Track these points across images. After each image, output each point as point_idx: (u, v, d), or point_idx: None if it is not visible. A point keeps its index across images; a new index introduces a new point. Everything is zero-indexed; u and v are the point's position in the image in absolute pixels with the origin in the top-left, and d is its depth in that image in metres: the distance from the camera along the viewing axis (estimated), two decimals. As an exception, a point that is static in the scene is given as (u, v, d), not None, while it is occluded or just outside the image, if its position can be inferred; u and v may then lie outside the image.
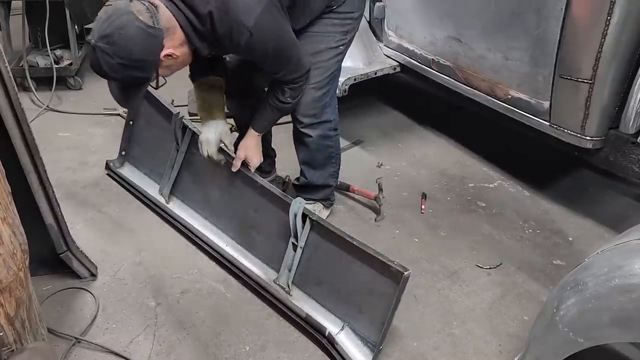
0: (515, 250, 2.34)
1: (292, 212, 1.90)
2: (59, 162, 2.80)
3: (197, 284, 2.10)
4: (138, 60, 1.63)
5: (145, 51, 1.63)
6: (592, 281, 1.23)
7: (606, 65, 1.98)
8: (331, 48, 2.05)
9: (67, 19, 3.41)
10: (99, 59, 1.60)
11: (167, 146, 2.40)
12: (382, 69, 3.01)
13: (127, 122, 2.60)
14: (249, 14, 1.70)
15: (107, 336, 1.87)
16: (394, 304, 1.69)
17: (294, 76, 1.93)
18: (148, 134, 2.55)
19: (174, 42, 1.71)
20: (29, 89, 3.37)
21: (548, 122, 2.29)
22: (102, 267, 2.13)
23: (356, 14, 2.07)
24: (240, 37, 1.73)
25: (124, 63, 1.61)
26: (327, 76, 2.08)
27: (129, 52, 1.60)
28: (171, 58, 1.73)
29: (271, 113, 2.05)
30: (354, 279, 1.83)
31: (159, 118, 2.46)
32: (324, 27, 2.03)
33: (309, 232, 1.92)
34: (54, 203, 1.86)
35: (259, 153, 2.13)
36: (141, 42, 1.61)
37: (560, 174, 2.88)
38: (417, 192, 2.68)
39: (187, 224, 2.31)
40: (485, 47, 2.44)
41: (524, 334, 1.92)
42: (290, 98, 1.98)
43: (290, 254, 1.96)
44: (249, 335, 1.90)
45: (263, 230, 2.11)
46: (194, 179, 2.36)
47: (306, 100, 2.05)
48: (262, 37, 1.76)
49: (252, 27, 1.71)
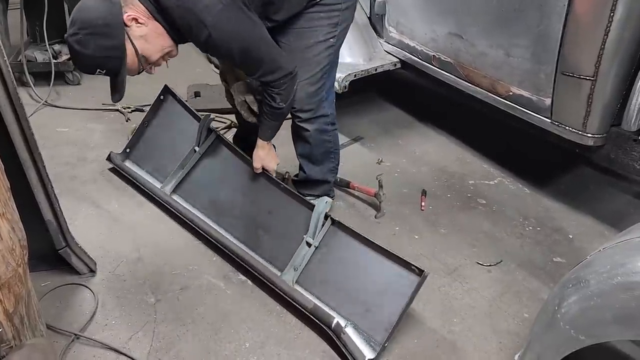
0: (515, 248, 2.34)
1: (317, 210, 1.97)
2: (58, 158, 2.78)
3: (197, 280, 2.09)
4: (101, 25, 1.67)
5: (105, 15, 1.68)
6: (594, 279, 1.23)
7: (608, 62, 1.97)
8: (320, 42, 2.02)
9: (65, 13, 3.39)
10: (72, 47, 1.69)
11: (179, 147, 2.44)
12: (382, 65, 3.00)
13: (142, 123, 2.61)
14: (208, 13, 1.68)
15: (106, 332, 1.86)
16: (409, 301, 1.75)
17: (275, 77, 1.89)
18: (160, 135, 2.57)
19: (136, 10, 1.73)
20: (27, 84, 3.36)
21: (549, 120, 2.28)
22: (101, 263, 2.13)
23: (343, 5, 2.02)
24: (200, 34, 1.72)
25: (90, 32, 1.67)
26: (320, 70, 2.06)
27: (90, 19, 1.67)
28: (139, 25, 1.74)
29: (270, 120, 2.06)
30: (366, 278, 1.88)
31: (179, 120, 2.50)
32: (310, 21, 2.00)
33: (326, 232, 1.98)
34: (53, 199, 1.85)
35: (273, 158, 2.18)
36: (98, 8, 1.68)
37: (561, 172, 2.88)
38: (417, 189, 2.68)
39: (188, 216, 2.31)
40: (486, 43, 2.43)
41: (524, 332, 1.92)
42: (282, 102, 1.96)
43: (301, 253, 2.00)
44: (249, 332, 1.90)
45: (272, 230, 2.15)
46: (202, 181, 2.39)
47: (300, 95, 2.04)
48: (222, 36, 1.74)
49: (210, 26, 1.69)
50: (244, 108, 2.18)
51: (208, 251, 2.23)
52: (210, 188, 2.35)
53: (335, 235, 1.99)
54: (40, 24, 3.35)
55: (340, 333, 1.81)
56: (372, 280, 1.87)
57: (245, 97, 2.15)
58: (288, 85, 1.93)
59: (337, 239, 1.98)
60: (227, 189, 2.31)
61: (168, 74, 1.96)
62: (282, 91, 1.93)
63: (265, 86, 1.95)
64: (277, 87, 1.92)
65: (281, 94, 1.94)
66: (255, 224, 2.19)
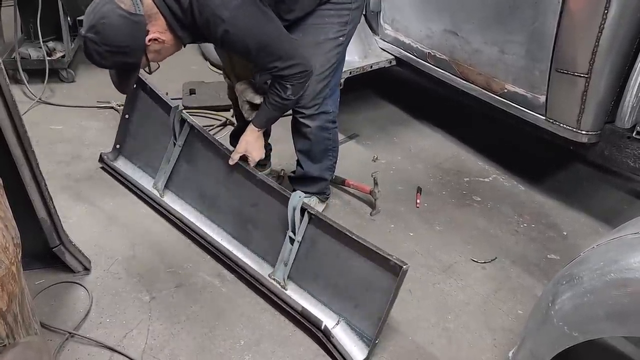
0: (510, 245, 2.35)
1: (291, 205, 1.90)
2: (52, 155, 2.77)
3: (192, 278, 2.09)
4: (124, 46, 1.70)
5: (130, 37, 1.70)
6: (588, 275, 1.24)
7: (602, 60, 1.98)
8: (330, 39, 2.03)
9: (59, 10, 3.37)
10: (89, 49, 1.70)
11: (162, 140, 2.39)
12: (378, 62, 3.00)
13: (123, 116, 2.57)
14: (225, 8, 1.71)
15: (101, 330, 1.86)
16: (392, 298, 1.70)
17: (290, 72, 1.89)
18: (144, 128, 2.53)
19: (158, 27, 1.76)
20: (21, 82, 3.33)
21: (544, 117, 2.29)
22: (95, 261, 2.12)
23: (354, 4, 2.04)
24: (216, 30, 1.75)
25: (111, 50, 1.70)
26: (328, 68, 2.06)
27: (114, 39, 1.68)
28: (157, 42, 1.77)
29: (272, 110, 2.03)
30: (351, 273, 1.83)
31: (155, 112, 2.44)
32: (321, 18, 2.01)
33: (307, 226, 1.92)
34: (47, 196, 1.84)
35: (260, 148, 2.13)
36: (124, 28, 1.68)
37: (555, 169, 2.88)
38: (412, 186, 2.68)
39: (182, 217, 2.30)
40: (481, 40, 2.43)
41: (518, 328, 1.92)
42: (293, 95, 1.95)
43: (287, 248, 1.96)
44: (243, 330, 1.89)
45: (260, 225, 2.11)
46: (190, 173, 2.35)
47: (307, 92, 2.03)
48: (238, 31, 1.76)
49: (227, 21, 1.72)
50: (244, 108, 2.17)
51: (203, 249, 2.23)
52: (197, 181, 2.32)
53: (316, 228, 1.92)
54: (34, 21, 3.33)
55: (330, 335, 1.80)
56: (356, 274, 1.82)
57: (246, 98, 2.14)
58: (305, 80, 1.94)
59: (318, 232, 1.92)
60: (212, 181, 2.26)
61: (163, 71, 1.95)
62: (296, 84, 1.93)
63: (278, 78, 1.94)
64: (291, 81, 1.92)
65: (294, 86, 1.94)
66: (244, 218, 2.15)
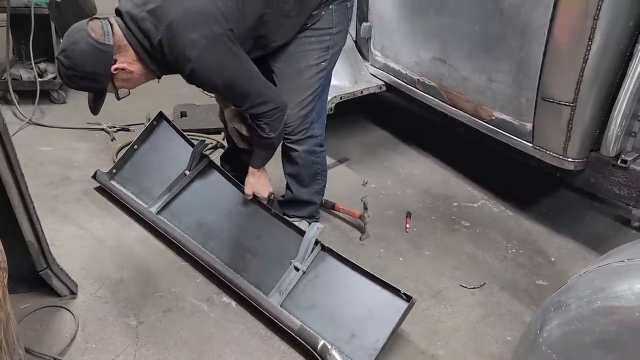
0: (498, 270, 2.35)
1: (307, 236, 2.00)
2: (41, 177, 2.76)
3: (180, 303, 2.07)
4: (89, 72, 1.77)
5: (95, 64, 1.76)
6: (575, 303, 1.24)
7: (587, 89, 2.02)
8: (312, 65, 2.05)
9: (51, 32, 3.39)
10: (60, 71, 1.80)
11: (166, 171, 2.46)
12: (368, 88, 3.04)
13: (131, 146, 2.63)
14: (193, 48, 1.72)
15: (87, 356, 1.83)
16: (395, 328, 1.77)
17: (262, 110, 1.91)
18: (149, 158, 2.58)
19: (127, 58, 1.80)
20: (12, 102, 3.33)
21: (531, 144, 2.32)
22: (82, 284, 2.09)
23: (335, 29, 2.04)
24: (184, 68, 1.77)
25: (78, 75, 1.78)
26: (311, 94, 2.08)
27: (81, 65, 1.76)
28: (125, 72, 1.81)
29: (261, 150, 2.09)
30: (353, 304, 1.90)
31: (168, 145, 2.54)
32: (302, 46, 2.02)
33: (314, 258, 2.00)
34: (35, 219, 1.82)
35: (265, 185, 2.21)
36: (91, 56, 1.75)
37: (543, 195, 2.91)
38: (402, 210, 2.69)
39: (173, 234, 2.30)
40: (470, 68, 2.48)
41: (507, 355, 1.92)
42: (272, 132, 1.98)
43: (288, 277, 2.00)
44: (232, 355, 1.87)
45: (260, 255, 2.15)
46: (190, 204, 2.38)
47: (292, 119, 2.06)
48: (205, 70, 1.79)
49: (193, 60, 1.74)
50: (234, 133, 2.20)
51: (192, 273, 2.21)
52: (198, 211, 2.34)
53: (323, 260, 2.01)
54: (26, 43, 3.34)
55: (327, 355, 1.79)
56: (360, 305, 1.88)
57: (234, 125, 2.16)
58: (279, 116, 1.95)
59: (325, 264, 2.00)
60: (216, 212, 2.31)
61: (154, 93, 1.97)
62: (269, 122, 1.95)
63: (252, 117, 1.97)
64: (265, 119, 1.94)
65: (269, 124, 1.95)
66: (243, 248, 2.19)
